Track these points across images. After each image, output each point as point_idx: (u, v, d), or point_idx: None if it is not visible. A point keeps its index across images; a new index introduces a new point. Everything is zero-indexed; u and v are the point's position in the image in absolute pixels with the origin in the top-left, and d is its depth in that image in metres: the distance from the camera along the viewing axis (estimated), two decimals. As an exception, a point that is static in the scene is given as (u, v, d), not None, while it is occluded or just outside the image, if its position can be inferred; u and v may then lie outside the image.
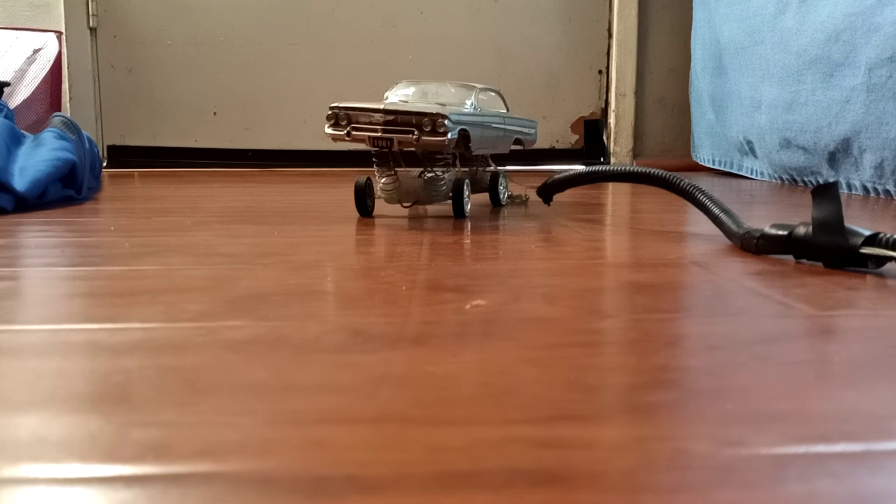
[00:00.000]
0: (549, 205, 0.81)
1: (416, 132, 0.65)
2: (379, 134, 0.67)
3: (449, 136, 0.65)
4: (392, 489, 0.18)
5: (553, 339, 0.30)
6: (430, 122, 0.65)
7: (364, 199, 0.74)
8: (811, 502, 0.17)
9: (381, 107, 0.67)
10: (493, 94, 0.80)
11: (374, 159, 0.74)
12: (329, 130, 0.69)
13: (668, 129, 1.82)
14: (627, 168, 0.70)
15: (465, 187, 0.73)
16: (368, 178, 0.75)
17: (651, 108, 1.81)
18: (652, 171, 0.66)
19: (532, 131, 0.87)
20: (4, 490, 0.18)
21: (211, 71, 1.73)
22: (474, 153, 0.73)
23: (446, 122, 0.65)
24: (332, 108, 0.69)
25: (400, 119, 0.66)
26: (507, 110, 0.82)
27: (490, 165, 0.86)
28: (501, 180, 0.84)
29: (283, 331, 0.32)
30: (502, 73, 1.78)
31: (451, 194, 0.74)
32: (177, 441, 0.20)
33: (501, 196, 0.84)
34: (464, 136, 0.69)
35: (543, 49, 1.78)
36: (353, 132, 0.68)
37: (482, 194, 0.98)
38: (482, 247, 0.55)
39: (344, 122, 0.68)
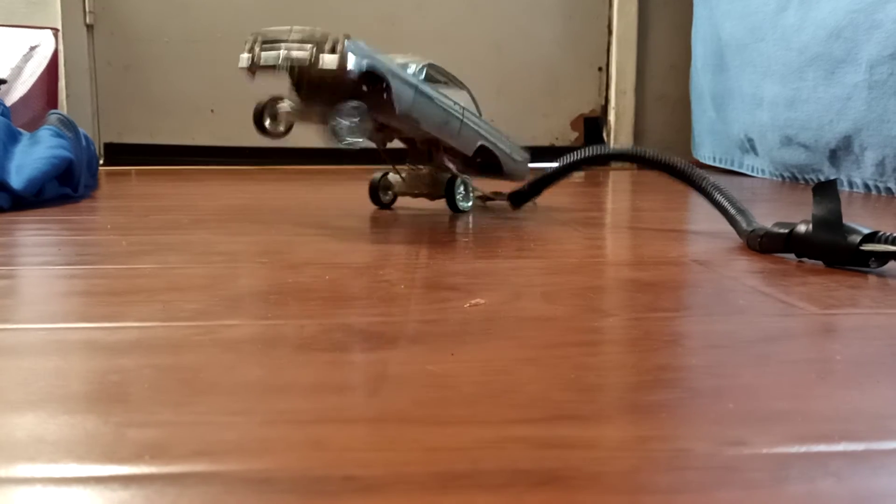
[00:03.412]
0: (517, 208, 0.79)
1: (312, 57, 0.59)
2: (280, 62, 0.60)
3: (351, 63, 0.59)
4: (391, 489, 0.18)
5: (553, 339, 0.30)
6: (330, 47, 0.59)
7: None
8: (813, 502, 0.17)
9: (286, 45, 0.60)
10: (464, 91, 0.74)
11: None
12: (244, 64, 0.63)
13: (668, 127, 1.82)
14: (586, 154, 0.72)
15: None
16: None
17: (651, 105, 1.80)
18: (615, 148, 0.68)
19: (517, 156, 0.80)
20: (1, 490, 0.18)
21: (209, 68, 1.73)
22: (399, 114, 0.64)
23: (345, 44, 0.58)
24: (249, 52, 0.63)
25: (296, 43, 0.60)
26: (480, 114, 0.76)
27: (449, 168, 0.78)
28: (459, 184, 0.77)
29: (280, 330, 0.31)
30: (502, 70, 1.77)
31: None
32: (174, 441, 0.20)
33: (459, 203, 0.77)
34: (375, 74, 0.61)
35: (543, 46, 1.78)
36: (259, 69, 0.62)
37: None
38: (481, 245, 0.55)
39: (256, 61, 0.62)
